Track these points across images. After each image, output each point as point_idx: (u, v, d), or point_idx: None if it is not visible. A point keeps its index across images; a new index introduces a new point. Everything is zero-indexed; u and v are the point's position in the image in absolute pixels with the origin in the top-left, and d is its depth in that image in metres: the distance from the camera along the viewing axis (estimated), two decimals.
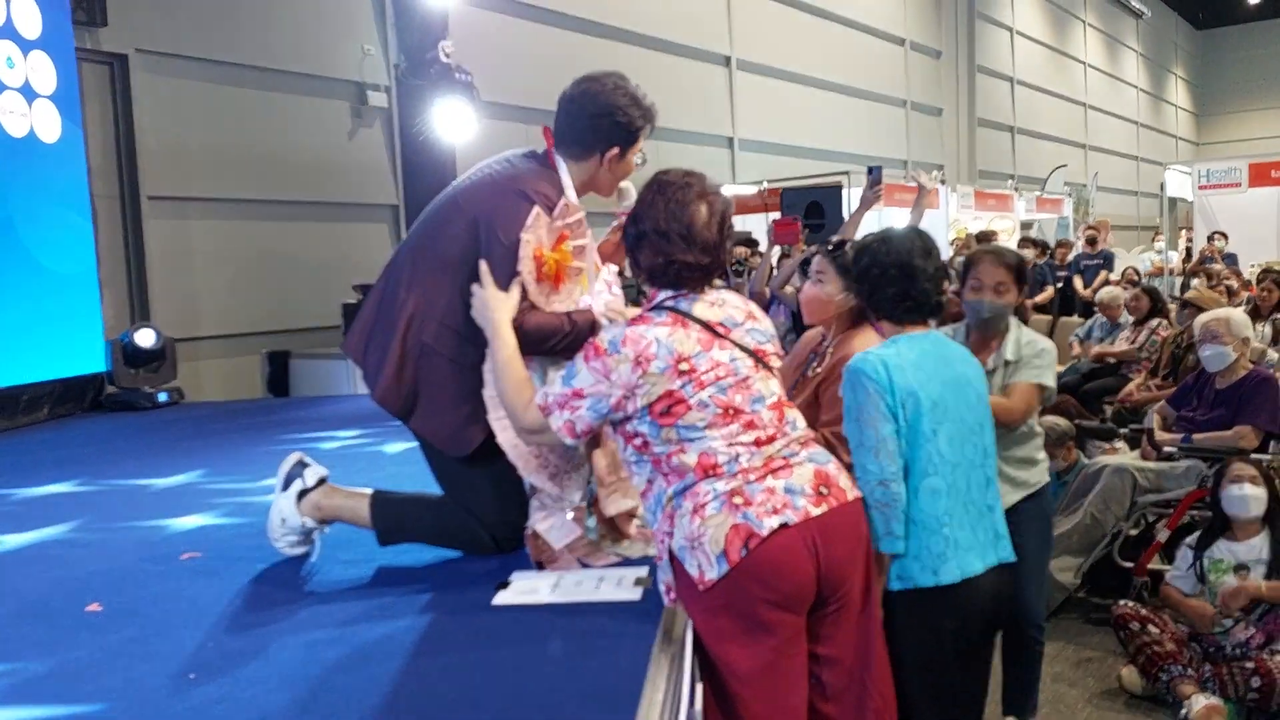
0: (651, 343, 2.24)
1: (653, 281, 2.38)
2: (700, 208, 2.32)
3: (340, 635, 2.38)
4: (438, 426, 2.77)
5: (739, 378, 2.28)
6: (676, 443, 2.25)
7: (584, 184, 2.80)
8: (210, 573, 2.95)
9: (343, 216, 9.14)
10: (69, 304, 6.66)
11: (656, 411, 2.24)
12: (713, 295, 2.39)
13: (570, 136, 2.75)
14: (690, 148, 13.22)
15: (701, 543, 2.18)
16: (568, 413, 2.29)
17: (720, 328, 2.32)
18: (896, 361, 2.58)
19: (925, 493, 2.55)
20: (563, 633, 2.30)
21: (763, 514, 2.18)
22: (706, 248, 2.32)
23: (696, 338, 2.27)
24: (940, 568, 2.56)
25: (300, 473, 2.96)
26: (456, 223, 2.71)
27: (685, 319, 2.30)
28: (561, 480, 2.76)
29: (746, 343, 2.35)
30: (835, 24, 16.59)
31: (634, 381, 2.24)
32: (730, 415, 2.25)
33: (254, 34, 8.40)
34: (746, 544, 2.16)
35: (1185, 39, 34.92)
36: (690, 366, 2.24)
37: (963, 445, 2.62)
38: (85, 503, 4.04)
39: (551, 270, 2.66)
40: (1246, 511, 4.13)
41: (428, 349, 2.72)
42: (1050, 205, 17.18)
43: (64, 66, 6.71)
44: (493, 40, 10.30)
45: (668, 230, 2.30)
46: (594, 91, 2.72)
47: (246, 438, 5.44)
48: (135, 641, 2.41)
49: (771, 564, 2.17)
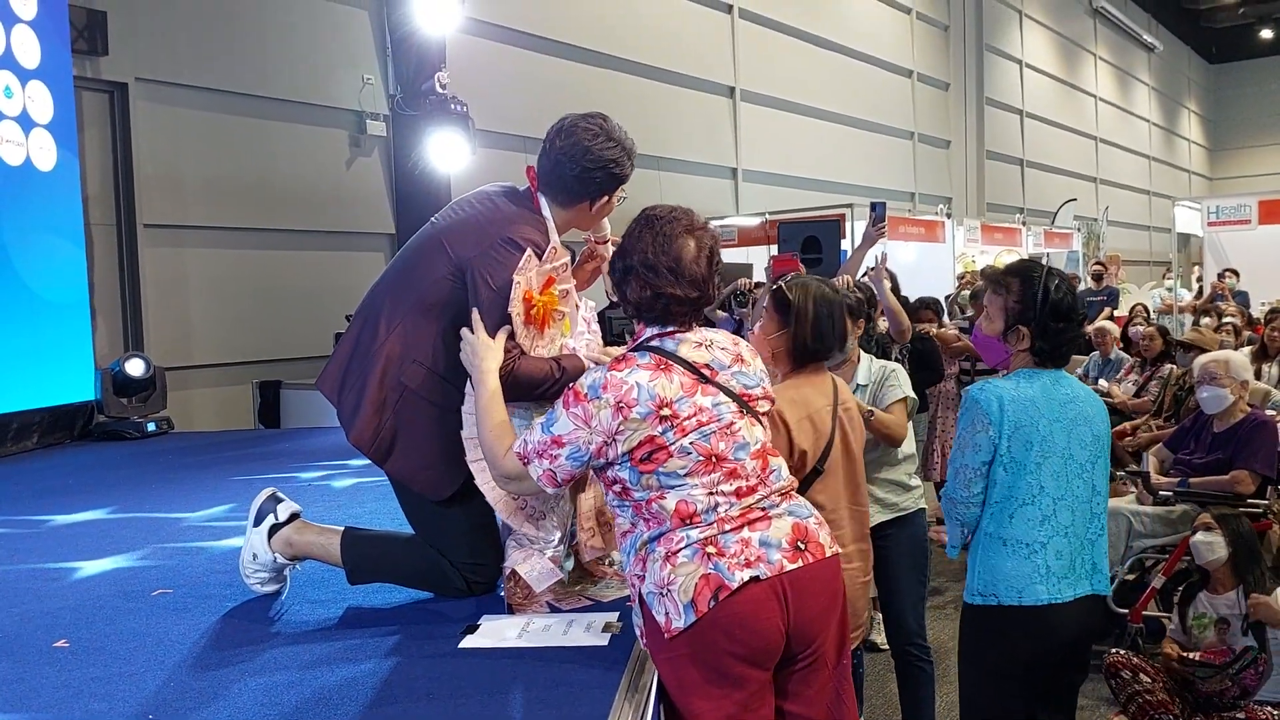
0: (633, 388, 2.20)
1: (640, 316, 2.35)
2: (689, 242, 2.30)
3: (301, 678, 2.36)
4: (415, 470, 2.75)
5: (722, 424, 2.23)
6: (657, 489, 2.21)
7: (567, 225, 2.78)
8: (180, 609, 2.94)
9: (338, 245, 9.16)
10: (60, 332, 6.66)
11: (637, 458, 2.20)
12: (700, 335, 2.35)
13: (558, 185, 2.71)
14: (694, 178, 13.24)
15: (670, 590, 2.15)
16: (546, 461, 2.27)
17: (706, 370, 2.28)
18: (1013, 395, 2.72)
19: (1021, 519, 2.71)
20: (526, 679, 2.27)
21: (734, 566, 2.15)
22: (695, 281, 2.29)
23: (680, 381, 2.23)
24: (1025, 589, 2.70)
25: (272, 508, 2.94)
26: (440, 265, 2.68)
27: (669, 361, 2.25)
28: (540, 523, 2.73)
29: (733, 386, 2.30)
30: (841, 55, 16.63)
31: (614, 427, 2.20)
32: (712, 463, 2.21)
33: (254, 63, 8.45)
34: (715, 595, 2.12)
35: (1198, 73, 34.97)
36: (672, 412, 2.19)
37: (1069, 480, 2.74)
38: (62, 535, 4.03)
39: (539, 314, 2.65)
40: (1201, 558, 4.17)
41: (408, 391, 2.70)
42: (1060, 239, 17.10)
43: (61, 96, 6.75)
44: (491, 69, 10.34)
45: (656, 264, 2.27)
46: (585, 145, 2.66)
47: (230, 470, 5.42)
48: (98, 680, 2.39)
49: (739, 617, 2.13)
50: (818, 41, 16.03)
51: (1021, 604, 2.69)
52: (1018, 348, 2.79)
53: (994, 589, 2.72)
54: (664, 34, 12.98)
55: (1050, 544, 2.70)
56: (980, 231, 14.99)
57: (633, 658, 2.34)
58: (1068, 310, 2.74)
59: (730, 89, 14.28)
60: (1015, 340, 2.78)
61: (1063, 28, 24.66)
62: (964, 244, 14.31)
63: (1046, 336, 2.74)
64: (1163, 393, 7.06)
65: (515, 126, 10.18)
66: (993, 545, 2.74)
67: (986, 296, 2.89)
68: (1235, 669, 3.92)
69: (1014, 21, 22.26)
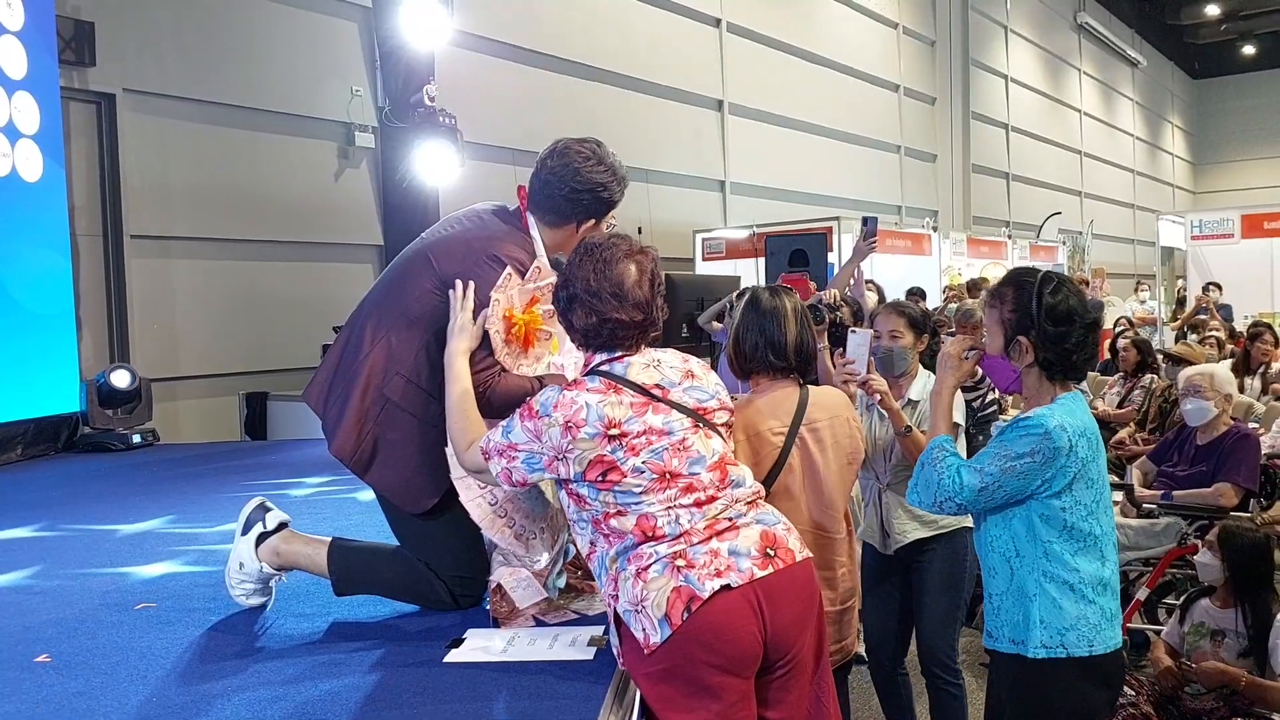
0: (581, 408, 2.24)
1: (587, 344, 2.37)
2: (629, 266, 2.34)
3: (286, 692, 2.35)
4: (395, 482, 2.76)
5: (674, 440, 2.26)
6: (615, 507, 2.23)
7: (554, 246, 2.81)
8: (164, 623, 2.93)
9: (325, 257, 9.14)
10: (45, 343, 6.64)
11: (591, 477, 2.23)
12: (648, 355, 2.37)
13: (547, 205, 2.75)
14: (682, 191, 13.27)
15: (644, 606, 2.16)
16: (505, 461, 2.32)
17: (656, 389, 2.30)
18: (1078, 428, 2.49)
19: (1085, 561, 2.50)
20: (511, 693, 2.27)
21: (704, 576, 2.16)
22: (639, 305, 2.33)
23: (629, 402, 2.26)
24: (1097, 637, 2.50)
25: (261, 517, 2.94)
26: (426, 279, 2.70)
27: (618, 384, 2.28)
28: (526, 540, 2.73)
29: (685, 402, 2.32)
30: (829, 69, 16.70)
31: (563, 446, 2.23)
32: (667, 480, 2.23)
33: (242, 74, 8.43)
34: (688, 606, 2.13)
35: (1181, 88, 35.20)
36: (621, 432, 2.22)
37: (1108, 512, 2.58)
38: (46, 548, 4.00)
39: (521, 332, 2.67)
40: (1202, 577, 4.10)
41: (390, 404, 2.71)
42: (1045, 253, 17.18)
43: (48, 106, 6.74)
44: (480, 82, 10.34)
45: (599, 290, 2.30)
46: (576, 166, 2.71)
47: (216, 482, 5.40)
48: (80, 695, 2.38)
49: (713, 627, 2.14)
50: (805, 55, 16.09)
51: (1093, 654, 2.48)
52: (1023, 363, 2.56)
53: (1061, 639, 2.48)
54: (653, 47, 13.01)
55: (1109, 584, 2.54)
56: (966, 245, 15.06)
57: (618, 671, 2.34)
58: (1067, 314, 2.51)
59: (718, 102, 14.32)
60: (1018, 355, 2.55)
61: (1048, 43, 24.81)
62: (950, 257, 14.38)
63: (1048, 345, 2.51)
64: (1147, 403, 7.10)
65: (504, 139, 10.19)
66: (1056, 589, 2.49)
67: (984, 313, 2.68)
68: (1228, 690, 3.86)
69: (1000, 37, 22.39)
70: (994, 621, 2.62)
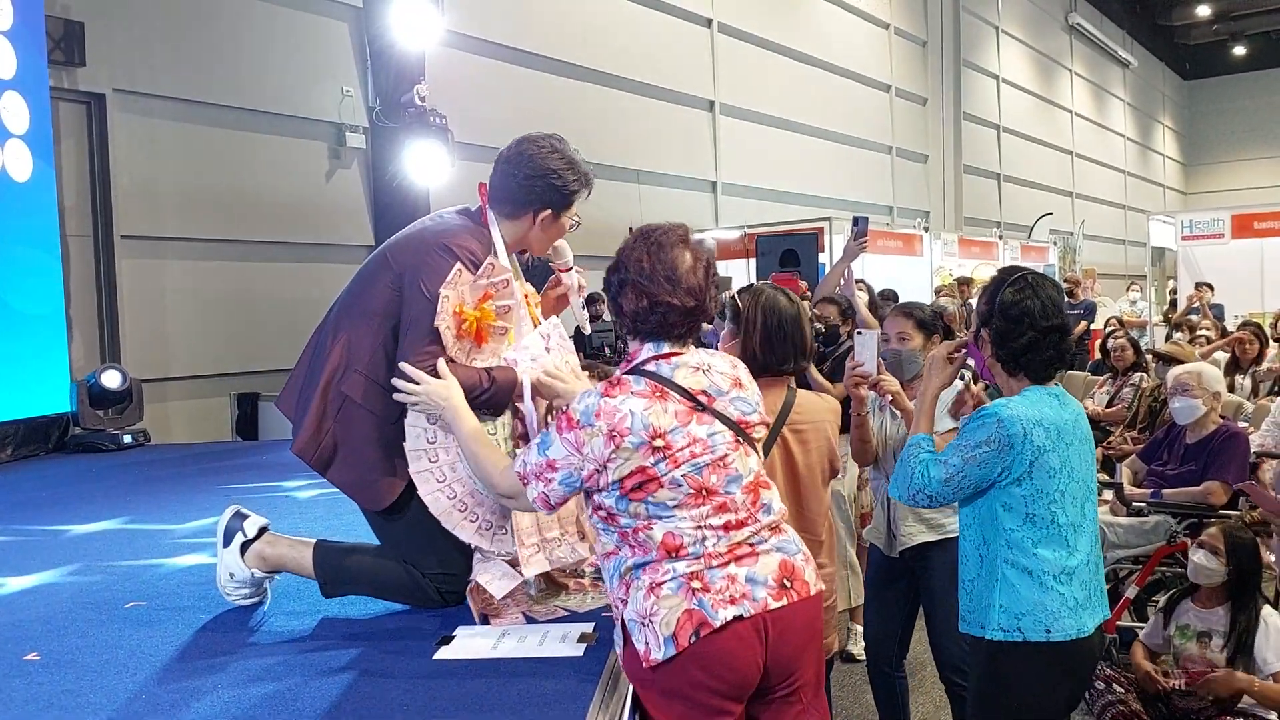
0: (626, 416, 2.13)
1: (636, 329, 2.27)
2: (684, 252, 2.26)
3: (275, 690, 2.35)
4: (354, 478, 2.75)
5: (716, 456, 2.17)
6: (645, 518, 2.16)
7: (516, 242, 2.83)
8: (152, 622, 2.92)
9: (317, 257, 9.13)
10: (35, 344, 6.62)
11: (628, 486, 2.15)
12: (698, 357, 2.27)
13: (503, 195, 2.78)
14: (673, 191, 13.28)
15: (653, 622, 2.11)
16: (542, 484, 2.21)
17: (703, 396, 2.21)
18: (1034, 418, 2.54)
19: (1046, 548, 2.57)
20: (501, 690, 2.26)
21: (719, 603, 2.10)
22: (692, 290, 2.24)
23: (675, 410, 2.16)
24: (1054, 624, 2.55)
25: (239, 525, 2.92)
26: (383, 277, 2.73)
27: (665, 388, 2.18)
28: (493, 535, 2.72)
29: (730, 413, 2.23)
30: (820, 70, 16.73)
31: (606, 456, 2.14)
32: (702, 496, 2.15)
33: (233, 74, 8.43)
34: (697, 631, 2.09)
35: (1172, 89, 35.31)
36: (666, 443, 2.13)
37: (1083, 505, 2.62)
38: (35, 548, 3.99)
39: (472, 328, 2.66)
40: (1196, 578, 4.04)
41: (348, 400, 2.72)
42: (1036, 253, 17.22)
43: (38, 106, 6.72)
44: (471, 82, 10.35)
45: (652, 273, 2.22)
46: (530, 153, 2.76)
47: (206, 482, 5.40)
48: (68, 692, 2.38)
49: (720, 654, 2.10)
50: (797, 56, 16.11)
51: (1050, 640, 2.54)
52: (986, 354, 2.66)
53: (1018, 623, 2.56)
54: (644, 48, 13.02)
55: (1075, 574, 2.57)
56: (957, 245, 15.08)
57: (608, 668, 2.34)
58: (1019, 315, 2.55)
59: (710, 103, 14.33)
60: (982, 346, 2.66)
61: (1039, 44, 24.88)
62: (941, 258, 14.39)
63: (998, 341, 2.60)
64: (1136, 403, 7.12)
65: (495, 139, 10.03)
66: (1015, 575, 2.57)
67: None
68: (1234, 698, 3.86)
69: (991, 37, 22.45)
70: (965, 606, 2.72)
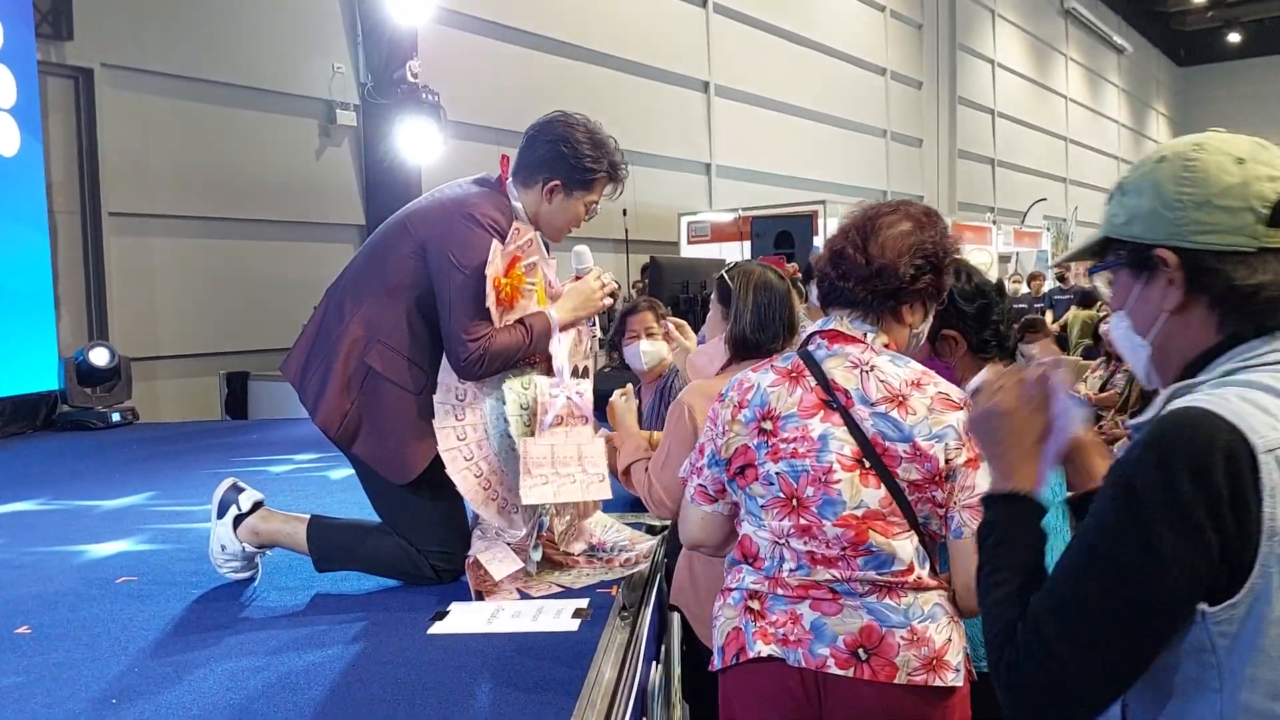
0: (753, 387, 1.95)
1: (821, 293, 2.02)
2: (903, 222, 1.99)
3: (267, 663, 2.33)
4: (381, 452, 2.73)
5: (820, 465, 1.85)
6: (742, 510, 1.97)
7: (532, 216, 2.79)
8: (144, 597, 2.89)
9: (307, 236, 9.09)
10: (23, 321, 6.57)
11: (733, 468, 1.94)
12: (878, 358, 1.92)
13: (521, 162, 2.77)
14: (668, 173, 13.23)
15: (715, 624, 1.99)
16: (697, 477, 2.02)
17: (843, 396, 1.88)
18: None
19: None
20: (495, 664, 2.25)
21: (766, 636, 1.87)
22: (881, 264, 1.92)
23: (800, 397, 1.90)
24: None
25: (234, 498, 2.91)
26: (404, 247, 2.70)
27: (805, 372, 1.92)
28: (509, 514, 2.72)
29: (865, 426, 1.86)
30: (815, 52, 16.68)
31: (727, 424, 1.96)
32: (789, 507, 1.87)
33: (222, 50, 8.35)
34: (737, 655, 1.90)
35: (1167, 75, 35.34)
36: (774, 429, 1.89)
37: None
38: (25, 523, 3.98)
39: (508, 295, 2.67)
40: None
41: (372, 373, 2.69)
42: (1029, 239, 17.27)
43: (25, 80, 6.64)
44: (463, 60, 10.29)
45: (849, 228, 2.00)
46: (557, 121, 2.75)
47: (196, 460, 5.37)
48: (61, 665, 2.36)
49: (757, 689, 1.90)
50: (792, 38, 16.06)
51: None
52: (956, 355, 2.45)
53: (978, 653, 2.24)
54: (639, 28, 12.96)
55: None
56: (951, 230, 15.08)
57: (602, 643, 2.32)
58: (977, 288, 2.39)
59: (704, 84, 14.28)
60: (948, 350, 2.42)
61: (1035, 28, 24.85)
62: None
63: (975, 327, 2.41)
64: (1129, 388, 7.12)
65: (487, 118, 10.13)
66: None
67: None
68: None
69: (987, 21, 22.41)
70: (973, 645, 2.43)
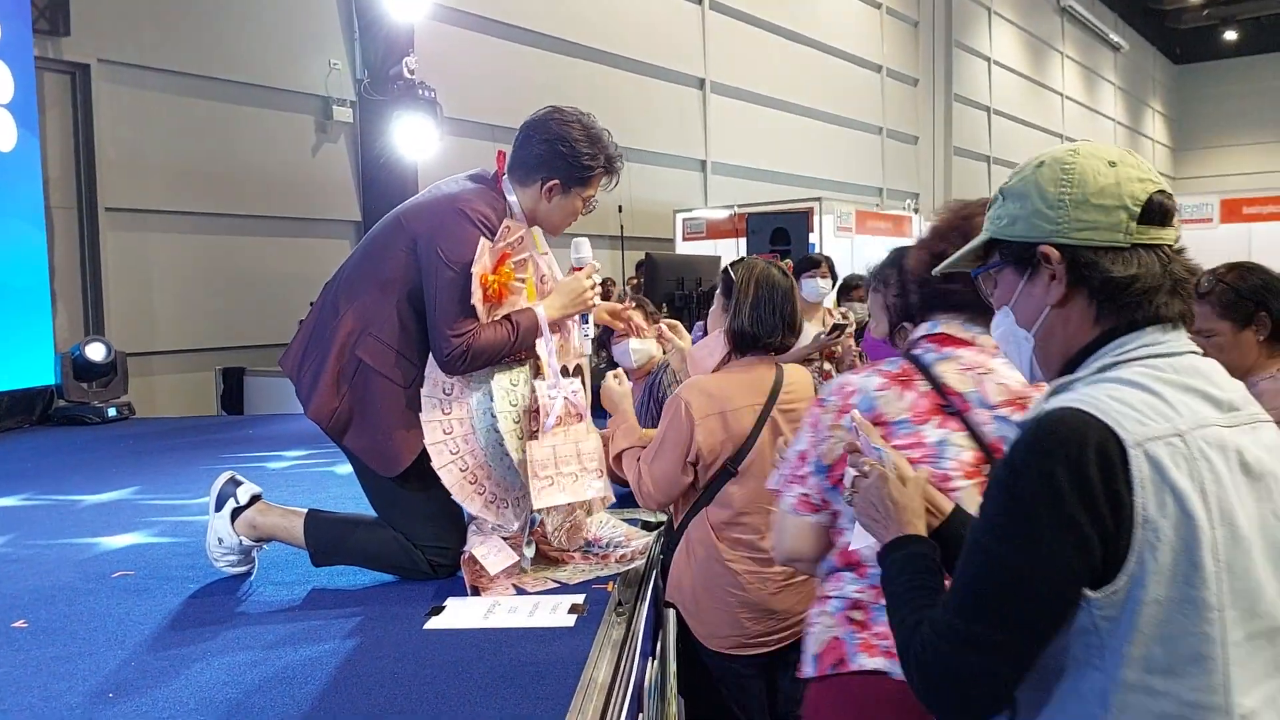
0: (856, 391, 1.84)
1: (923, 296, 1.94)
2: None
3: (263, 657, 2.35)
4: (370, 444, 2.76)
5: (938, 472, 1.74)
6: (843, 518, 1.87)
7: (527, 212, 2.81)
8: (141, 591, 2.91)
9: (303, 232, 9.09)
10: (20, 315, 6.58)
11: (835, 475, 1.82)
12: (979, 358, 1.86)
13: (518, 160, 2.79)
14: (663, 170, 13.24)
15: (812, 631, 1.90)
16: (798, 486, 1.90)
17: (959, 400, 1.81)
18: None
19: None
20: (491, 659, 2.26)
21: (870, 649, 1.78)
22: None
23: (912, 403, 1.81)
24: None
25: (233, 491, 2.94)
26: (398, 242, 2.73)
27: (915, 375, 1.85)
28: (498, 509, 2.74)
29: (985, 433, 1.80)
30: (811, 49, 16.67)
31: (829, 430, 1.86)
32: None
33: (219, 46, 8.35)
34: (835, 665, 1.82)
35: (1163, 73, 35.34)
36: (883, 435, 1.75)
37: None
38: (21, 518, 3.99)
39: (495, 292, 2.69)
40: None
41: (364, 366, 2.72)
42: None
43: (22, 76, 6.65)
44: (460, 56, 10.28)
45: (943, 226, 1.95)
46: (553, 119, 2.76)
47: (192, 455, 5.38)
48: (58, 659, 2.37)
49: (854, 703, 1.80)
50: (788, 35, 16.05)
51: None
52: None
53: None
54: (634, 24, 12.95)
55: None
56: None
57: (598, 639, 2.33)
58: None
59: (700, 81, 14.28)
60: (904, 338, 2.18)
61: (1031, 25, 24.84)
62: None
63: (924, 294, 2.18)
64: None
65: (484, 115, 10.13)
66: None
67: (869, 297, 2.30)
68: None
69: (983, 18, 22.41)
70: None
